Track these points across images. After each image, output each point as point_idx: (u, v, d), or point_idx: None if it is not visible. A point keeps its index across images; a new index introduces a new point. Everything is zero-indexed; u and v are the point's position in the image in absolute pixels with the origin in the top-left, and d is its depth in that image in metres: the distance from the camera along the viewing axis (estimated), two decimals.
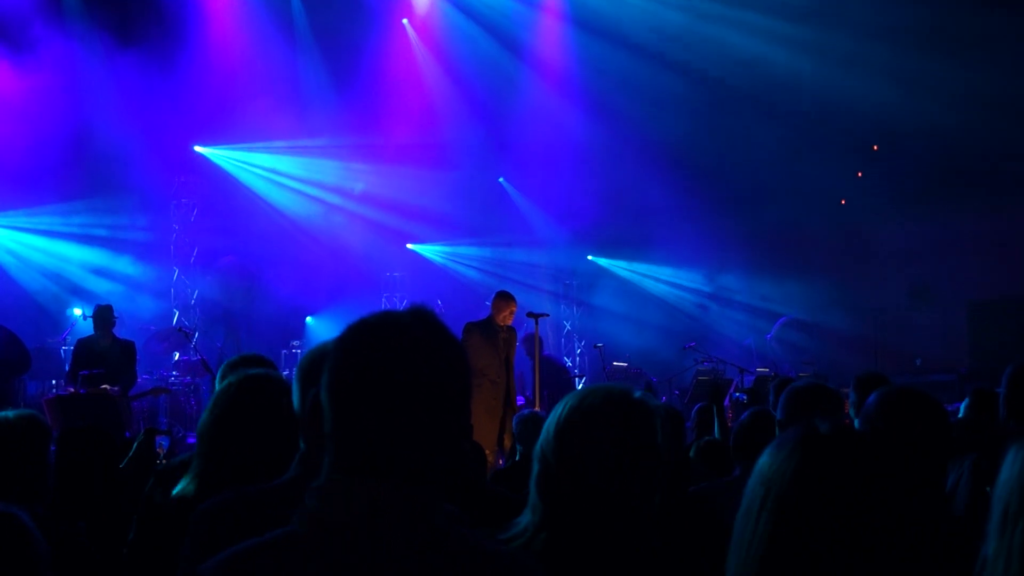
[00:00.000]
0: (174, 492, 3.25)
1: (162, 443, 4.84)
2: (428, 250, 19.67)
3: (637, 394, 2.60)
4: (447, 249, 19.71)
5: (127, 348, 11.85)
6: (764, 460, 1.94)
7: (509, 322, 10.87)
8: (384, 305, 18.76)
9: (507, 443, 9.77)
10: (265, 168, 17.94)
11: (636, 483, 2.49)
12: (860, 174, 19.06)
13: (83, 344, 11.77)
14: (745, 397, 12.85)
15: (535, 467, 2.55)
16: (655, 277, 20.11)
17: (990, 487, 2.04)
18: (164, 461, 4.66)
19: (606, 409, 2.53)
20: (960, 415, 6.99)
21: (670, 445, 3.81)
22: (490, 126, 18.36)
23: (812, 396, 4.42)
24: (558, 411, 2.58)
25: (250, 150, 17.71)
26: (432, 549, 1.75)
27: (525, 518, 2.56)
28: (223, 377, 4.04)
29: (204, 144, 17.50)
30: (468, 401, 1.87)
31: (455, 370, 1.83)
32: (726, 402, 13.82)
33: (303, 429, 1.77)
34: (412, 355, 1.79)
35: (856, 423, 5.40)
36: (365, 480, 1.76)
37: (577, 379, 17.02)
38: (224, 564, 1.76)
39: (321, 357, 2.44)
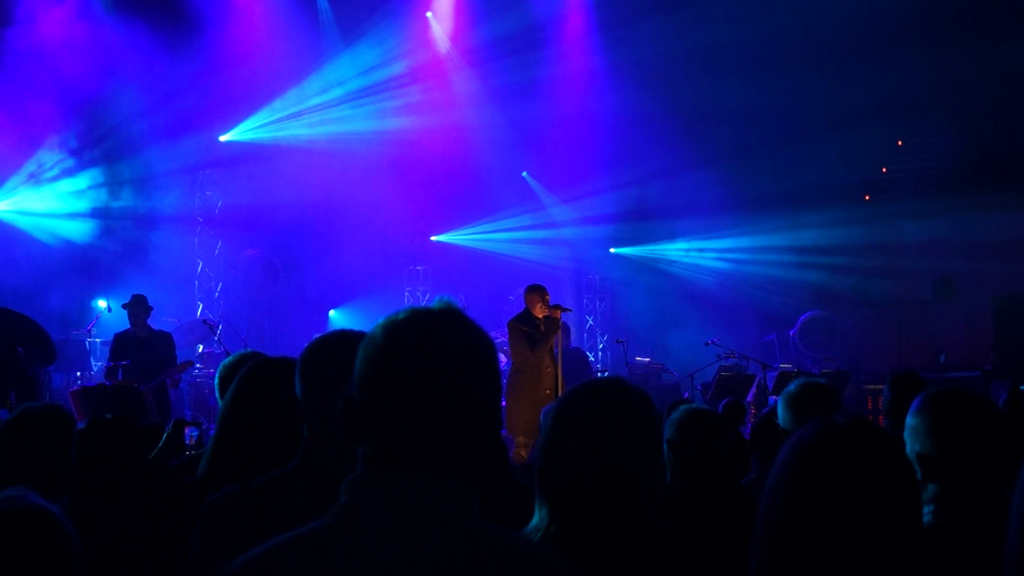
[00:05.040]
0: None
1: (192, 434, 4.87)
2: (453, 237, 19.67)
3: (628, 384, 2.64)
4: (472, 232, 19.70)
5: (167, 339, 11.86)
6: (784, 453, 2.00)
7: (545, 313, 10.92)
8: (407, 299, 18.79)
9: None
10: (291, 136, 17.82)
11: (631, 471, 2.51)
12: (884, 169, 18.97)
13: (122, 338, 11.69)
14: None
15: (536, 466, 2.57)
16: (679, 259, 20.15)
17: None
18: (192, 452, 4.71)
19: (596, 399, 2.58)
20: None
21: (713, 445, 4.04)
22: (513, 119, 18.33)
23: (807, 396, 4.44)
24: (552, 409, 2.62)
25: (275, 123, 17.69)
26: (467, 545, 1.74)
27: (534, 520, 2.57)
28: (223, 377, 4.11)
29: (228, 131, 17.46)
30: (499, 396, 1.88)
31: (487, 364, 1.84)
32: (749, 396, 13.76)
33: (342, 425, 1.81)
34: (446, 350, 1.79)
35: (886, 421, 5.37)
36: (401, 474, 1.76)
37: (600, 374, 16.97)
38: (256, 560, 1.75)
39: (330, 349, 2.60)
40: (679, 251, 20.09)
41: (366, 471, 1.79)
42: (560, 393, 10.59)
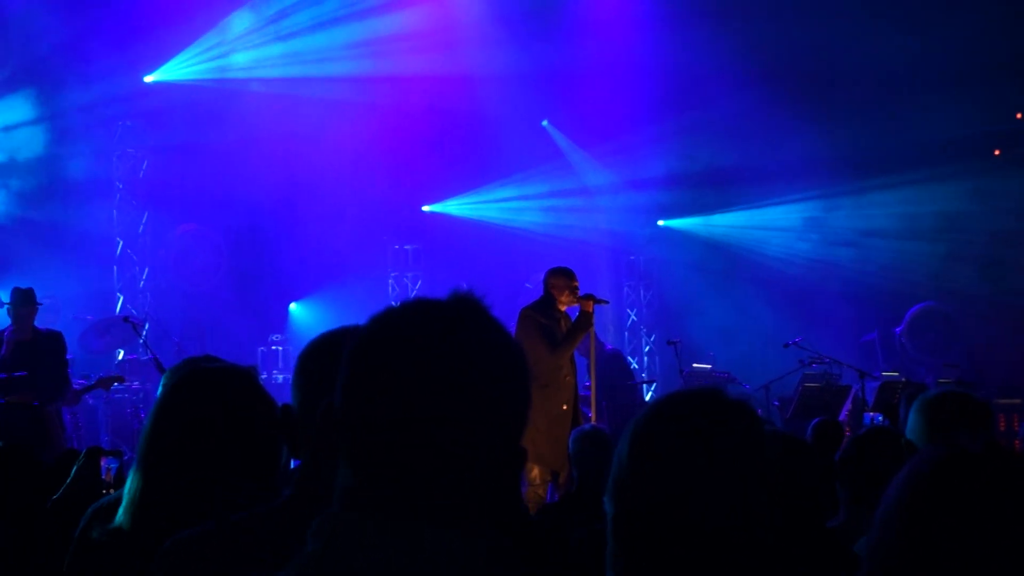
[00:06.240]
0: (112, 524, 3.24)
1: (110, 467, 4.85)
2: (451, 207, 19.77)
3: (733, 396, 2.55)
4: (475, 201, 19.77)
5: (53, 342, 11.76)
6: (897, 485, 1.97)
7: (573, 304, 10.51)
8: (392, 287, 18.76)
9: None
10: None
11: (747, 514, 2.43)
12: (1020, 115, 18.87)
13: None
14: (880, 418, 12.66)
15: (609, 509, 2.49)
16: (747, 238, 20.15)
17: None
18: (110, 491, 4.68)
19: (696, 418, 2.47)
20: None
21: (791, 466, 3.94)
22: (531, 56, 18.25)
23: (949, 409, 4.40)
24: (631, 430, 2.51)
25: (217, 59, 17.74)
26: None
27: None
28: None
29: (156, 69, 17.45)
30: (526, 416, 1.83)
31: (510, 376, 1.80)
32: (842, 415, 13.73)
33: (318, 442, 1.78)
34: (451, 342, 1.76)
35: None
36: (385, 517, 1.72)
37: (645, 386, 16.90)
38: None
39: (328, 349, 2.57)
40: (749, 225, 20.01)
41: (343, 511, 1.76)
42: (586, 412, 10.51)
